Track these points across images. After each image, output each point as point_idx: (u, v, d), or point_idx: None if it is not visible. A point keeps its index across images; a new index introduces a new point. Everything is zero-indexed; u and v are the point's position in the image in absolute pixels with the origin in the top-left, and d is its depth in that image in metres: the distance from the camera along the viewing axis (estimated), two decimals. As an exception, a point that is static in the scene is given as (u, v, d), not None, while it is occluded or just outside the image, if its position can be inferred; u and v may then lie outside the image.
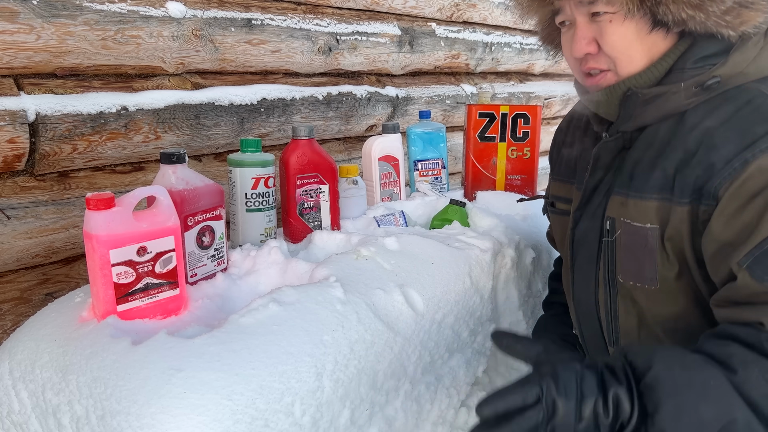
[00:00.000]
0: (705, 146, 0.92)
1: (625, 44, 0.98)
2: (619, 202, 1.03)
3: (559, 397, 0.80)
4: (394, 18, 2.19)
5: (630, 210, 1.01)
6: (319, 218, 1.41)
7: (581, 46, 1.01)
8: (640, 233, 0.99)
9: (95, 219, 0.93)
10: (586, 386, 0.82)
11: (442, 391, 1.20)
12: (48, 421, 0.91)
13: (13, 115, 1.23)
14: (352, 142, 2.14)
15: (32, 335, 0.99)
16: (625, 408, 0.81)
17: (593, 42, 1.01)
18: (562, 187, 1.25)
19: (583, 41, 1.01)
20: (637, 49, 0.99)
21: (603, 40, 0.99)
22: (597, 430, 0.81)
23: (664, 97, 0.98)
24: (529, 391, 0.81)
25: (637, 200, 1.00)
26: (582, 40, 1.01)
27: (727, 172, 0.88)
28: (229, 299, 1.14)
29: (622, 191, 1.03)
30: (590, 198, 1.11)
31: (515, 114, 1.84)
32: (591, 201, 1.11)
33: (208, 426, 0.79)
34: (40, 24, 1.25)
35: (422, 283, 1.18)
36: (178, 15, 1.49)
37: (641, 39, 0.98)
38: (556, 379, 0.82)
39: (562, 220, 1.23)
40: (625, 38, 0.98)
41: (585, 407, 0.81)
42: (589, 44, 1.01)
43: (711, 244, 0.91)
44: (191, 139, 1.57)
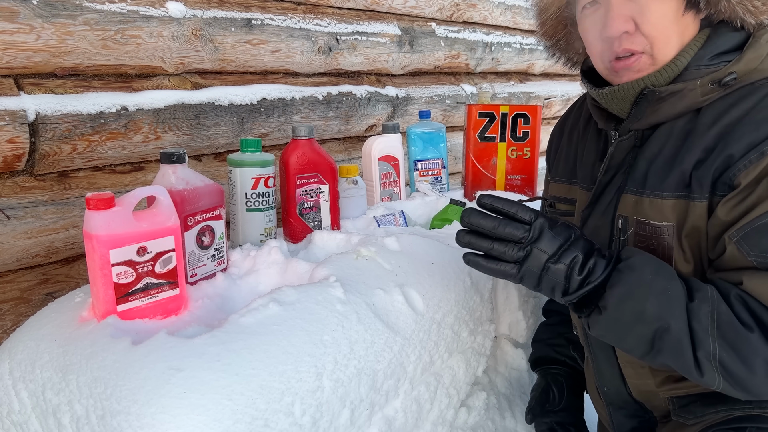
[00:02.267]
0: (723, 141, 0.93)
1: (665, 23, 0.97)
2: (632, 201, 1.03)
3: (548, 230, 0.90)
4: (394, 18, 2.19)
5: (645, 208, 1.01)
6: (319, 218, 1.41)
7: (618, 23, 0.97)
8: (656, 231, 1.00)
9: (95, 219, 0.93)
10: (576, 243, 0.92)
11: (442, 391, 1.20)
12: (48, 420, 0.91)
13: (13, 115, 1.23)
14: (352, 142, 2.14)
15: (32, 335, 0.99)
16: (597, 273, 0.90)
17: (630, 20, 0.97)
18: (561, 187, 1.24)
19: (620, 18, 0.97)
20: (674, 30, 0.98)
21: (643, 18, 0.97)
22: (566, 281, 0.91)
23: (681, 94, 0.98)
24: (525, 211, 0.91)
25: (653, 198, 1.00)
26: (619, 17, 0.97)
27: (743, 163, 0.90)
28: (229, 299, 1.14)
29: (635, 190, 1.03)
30: (600, 196, 1.11)
31: (515, 114, 1.84)
32: (601, 199, 1.10)
33: (208, 426, 0.79)
34: (40, 24, 1.25)
35: (422, 283, 1.18)
36: (178, 15, 1.49)
37: (677, 19, 0.97)
38: (552, 222, 0.92)
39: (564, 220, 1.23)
40: (666, 17, 0.97)
41: (566, 254, 0.90)
42: (627, 22, 0.97)
43: (714, 228, 0.94)
44: (191, 139, 1.57)
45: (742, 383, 0.86)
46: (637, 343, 0.91)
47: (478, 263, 0.92)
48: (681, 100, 0.98)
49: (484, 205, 0.92)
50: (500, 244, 0.90)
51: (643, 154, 1.03)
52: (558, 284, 0.91)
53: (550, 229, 0.90)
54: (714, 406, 1.03)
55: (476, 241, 0.91)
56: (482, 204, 0.92)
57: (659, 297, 0.87)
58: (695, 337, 0.86)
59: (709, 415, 1.05)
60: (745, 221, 0.89)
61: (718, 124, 0.95)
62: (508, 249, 0.89)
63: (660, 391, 1.09)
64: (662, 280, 0.89)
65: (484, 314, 1.34)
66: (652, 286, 0.88)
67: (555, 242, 0.90)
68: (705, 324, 0.86)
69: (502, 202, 0.91)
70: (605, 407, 1.22)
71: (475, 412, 1.30)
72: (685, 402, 1.07)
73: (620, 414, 1.20)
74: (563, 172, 1.25)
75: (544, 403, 1.31)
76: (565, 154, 1.25)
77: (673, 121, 1.01)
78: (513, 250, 0.89)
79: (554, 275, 0.90)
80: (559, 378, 1.34)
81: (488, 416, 1.34)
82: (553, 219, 0.93)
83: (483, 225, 0.90)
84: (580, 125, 1.22)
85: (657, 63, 0.99)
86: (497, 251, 0.90)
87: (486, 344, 1.36)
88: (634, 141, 1.05)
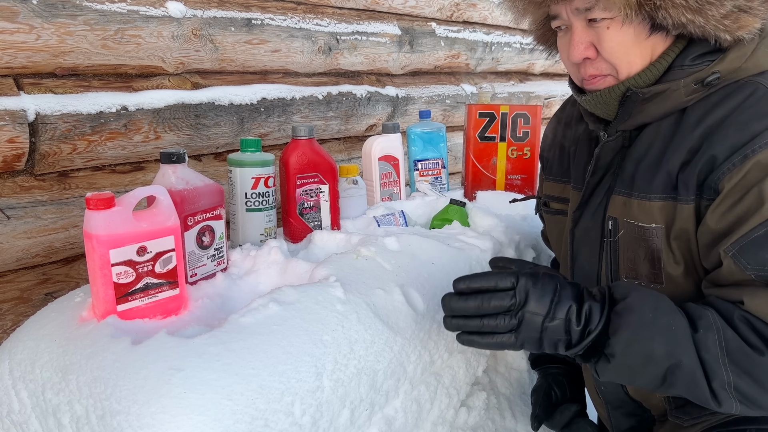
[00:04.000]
0: (708, 141, 0.93)
1: (623, 49, 0.97)
2: (621, 202, 1.03)
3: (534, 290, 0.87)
4: (394, 18, 2.19)
5: (634, 210, 1.01)
6: (319, 218, 1.41)
7: (579, 51, 1.00)
8: (645, 233, 1.00)
9: (95, 219, 0.93)
10: (564, 293, 0.89)
11: (442, 391, 1.20)
12: (48, 420, 0.91)
13: (13, 115, 1.23)
14: (352, 141, 2.14)
15: (32, 335, 0.99)
16: (595, 320, 0.88)
17: (591, 47, 1.00)
18: (555, 186, 1.24)
19: (581, 46, 1.00)
20: (636, 53, 0.98)
21: (601, 46, 0.98)
22: (567, 334, 0.88)
23: (664, 95, 0.98)
24: (504, 279, 0.88)
25: (641, 201, 1.00)
26: (579, 45, 1.00)
27: (727, 166, 0.90)
28: (229, 299, 1.14)
29: (624, 191, 1.03)
30: (590, 197, 1.11)
31: (515, 114, 1.84)
32: (591, 200, 1.11)
33: (208, 426, 0.79)
34: (40, 24, 1.25)
35: (422, 283, 1.18)
36: (178, 15, 1.49)
37: (639, 43, 0.97)
38: (534, 279, 0.89)
39: (558, 219, 1.23)
40: (623, 44, 0.97)
41: (560, 309, 0.88)
42: (587, 49, 1.00)
43: (705, 235, 0.93)
44: (191, 138, 1.57)
45: (759, 403, 0.86)
46: (649, 381, 0.89)
47: (473, 341, 0.90)
48: (665, 101, 0.98)
49: (462, 291, 0.90)
50: (490, 319, 0.88)
51: (631, 155, 1.04)
52: (560, 340, 0.88)
53: (535, 287, 0.88)
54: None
55: (465, 323, 0.89)
56: (459, 290, 0.90)
57: (665, 335, 0.86)
58: (707, 368, 0.85)
59: (705, 416, 1.05)
60: (740, 234, 0.88)
61: (702, 125, 0.95)
62: (499, 321, 0.87)
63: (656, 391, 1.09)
64: (664, 316, 0.87)
65: (484, 314, 1.34)
66: (655, 324, 0.86)
67: (545, 300, 0.87)
68: (714, 353, 0.85)
69: (479, 279, 0.89)
70: (604, 406, 1.23)
71: (475, 412, 1.30)
72: (681, 402, 1.08)
73: (618, 413, 1.20)
74: (557, 171, 1.25)
75: (547, 406, 1.30)
76: (559, 152, 1.25)
77: (660, 121, 1.01)
78: (504, 321, 0.87)
79: (554, 333, 0.88)
80: (559, 377, 1.34)
81: (488, 416, 1.34)
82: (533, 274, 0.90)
83: (467, 308, 0.88)
84: (573, 124, 1.22)
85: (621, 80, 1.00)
86: (489, 326, 0.88)
87: (486, 344, 1.36)
88: (622, 142, 1.06)
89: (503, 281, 0.88)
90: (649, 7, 0.92)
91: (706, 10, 0.90)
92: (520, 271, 0.90)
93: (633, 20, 0.94)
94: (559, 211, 1.22)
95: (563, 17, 1.01)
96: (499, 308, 0.87)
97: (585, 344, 0.88)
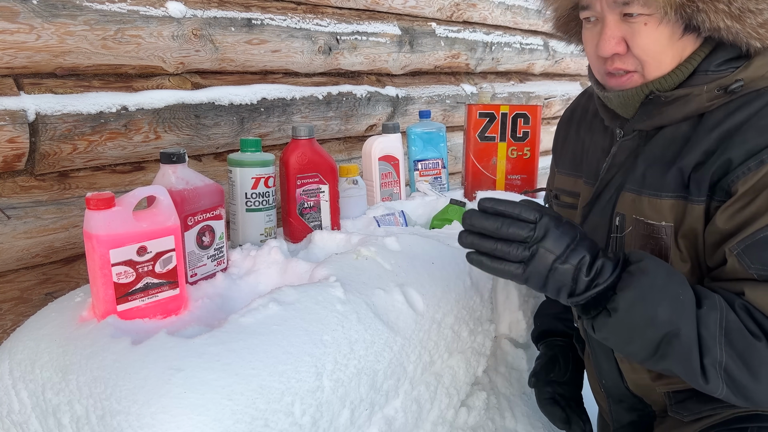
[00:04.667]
0: (724, 144, 0.93)
1: (657, 48, 0.96)
2: (630, 199, 1.03)
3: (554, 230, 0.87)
4: (394, 18, 2.19)
5: (644, 207, 1.01)
6: (319, 218, 1.41)
7: (610, 45, 0.98)
8: (654, 230, 1.00)
9: (95, 219, 0.93)
10: (582, 243, 0.89)
11: (442, 390, 1.20)
12: (48, 420, 0.91)
13: (13, 115, 1.23)
14: (352, 141, 2.14)
15: (32, 335, 0.99)
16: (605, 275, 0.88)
17: (622, 42, 0.98)
18: (567, 180, 1.24)
19: (612, 41, 0.98)
20: (668, 53, 0.97)
21: (634, 42, 0.97)
22: (573, 282, 0.88)
23: (686, 99, 0.98)
24: (529, 211, 0.88)
25: (652, 198, 1.00)
26: (611, 40, 0.98)
27: (742, 170, 0.90)
28: (229, 299, 1.14)
29: (634, 188, 1.03)
30: (600, 194, 1.11)
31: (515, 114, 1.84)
32: (601, 197, 1.11)
33: (208, 426, 0.79)
34: (40, 24, 1.25)
35: (422, 283, 1.18)
36: (178, 15, 1.49)
37: (672, 43, 0.96)
38: (557, 221, 0.89)
39: (568, 213, 1.23)
40: (658, 42, 0.96)
41: (573, 255, 0.88)
42: (618, 44, 0.98)
43: (712, 235, 0.94)
44: (191, 138, 1.57)
45: (744, 391, 0.86)
46: (642, 347, 0.90)
47: (482, 263, 0.90)
48: (686, 105, 0.98)
49: (486, 209, 0.89)
50: (504, 244, 0.87)
51: (645, 155, 1.03)
52: (565, 285, 0.88)
53: (556, 228, 0.88)
54: (711, 402, 1.03)
55: (480, 242, 0.89)
56: (483, 208, 0.90)
57: (672, 302, 0.86)
58: (703, 344, 0.86)
59: (705, 412, 1.05)
60: (746, 234, 0.88)
61: (719, 128, 0.94)
62: (512, 249, 0.87)
63: (656, 386, 1.09)
64: (675, 286, 0.88)
65: (484, 314, 1.34)
66: (665, 290, 0.87)
67: (562, 242, 0.87)
68: (713, 331, 0.85)
69: (505, 204, 0.88)
70: (606, 399, 1.23)
71: (475, 412, 1.30)
72: (681, 398, 1.08)
73: (620, 407, 1.21)
74: (570, 165, 1.24)
75: (549, 371, 1.31)
76: (572, 146, 1.25)
77: (678, 124, 1.00)
78: (518, 250, 0.87)
79: (561, 276, 0.88)
80: (566, 350, 1.34)
81: (488, 416, 1.34)
82: (557, 217, 0.90)
83: (486, 226, 0.87)
84: (588, 118, 1.22)
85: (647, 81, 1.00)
86: (501, 251, 0.87)
87: (486, 344, 1.36)
88: (638, 141, 1.05)
89: (527, 213, 0.88)
90: (690, 9, 0.91)
91: (746, 17, 0.90)
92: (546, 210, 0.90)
93: (671, 19, 0.93)
94: (569, 205, 1.22)
95: (596, 9, 0.99)
96: (516, 236, 0.87)
97: (589, 295, 0.88)
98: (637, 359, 0.94)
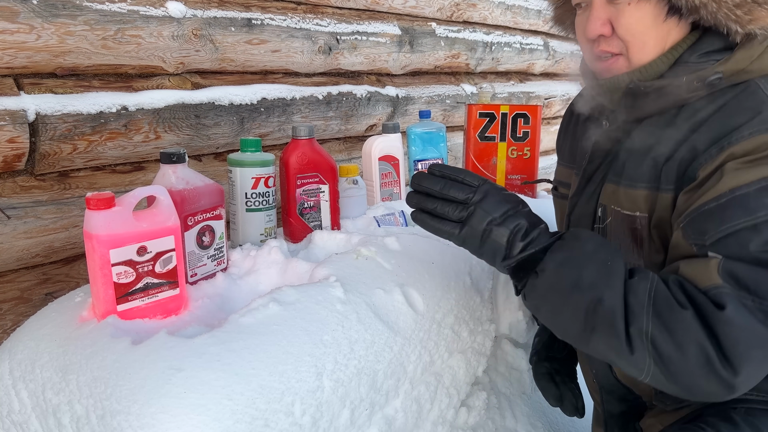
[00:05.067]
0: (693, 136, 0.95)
1: (640, 28, 0.98)
2: (611, 190, 1.05)
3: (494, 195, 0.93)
4: (394, 18, 2.19)
5: (621, 198, 1.03)
6: (319, 218, 1.41)
7: (595, 26, 1.01)
8: (629, 221, 1.02)
9: (95, 219, 0.93)
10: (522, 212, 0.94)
11: (442, 390, 1.20)
12: (48, 420, 0.91)
13: (13, 115, 1.23)
14: (352, 141, 2.14)
15: (32, 335, 0.99)
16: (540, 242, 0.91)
17: (607, 23, 1.00)
18: (564, 171, 1.27)
19: (598, 21, 1.00)
20: (651, 35, 0.98)
21: (618, 22, 0.99)
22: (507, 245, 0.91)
23: (666, 90, 0.98)
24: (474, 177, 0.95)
25: (628, 189, 1.02)
26: (597, 21, 1.00)
27: (704, 157, 0.92)
28: (229, 299, 1.14)
29: (614, 179, 1.05)
30: (586, 185, 1.13)
31: (515, 114, 1.84)
32: (587, 188, 1.13)
33: (208, 425, 0.79)
34: (40, 24, 1.25)
35: (422, 283, 1.18)
36: (178, 15, 1.49)
37: (657, 25, 0.98)
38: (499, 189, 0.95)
39: (562, 204, 1.25)
40: (641, 22, 0.98)
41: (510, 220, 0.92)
42: (604, 25, 1.00)
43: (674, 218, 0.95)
44: (191, 138, 1.57)
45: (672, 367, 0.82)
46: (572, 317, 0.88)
47: (424, 221, 0.96)
48: (665, 96, 0.99)
49: (433, 172, 0.96)
50: (445, 203, 0.93)
51: (626, 146, 1.05)
52: (500, 248, 0.91)
53: (497, 194, 0.93)
54: None
55: (423, 201, 0.95)
56: (431, 171, 0.96)
57: (598, 266, 0.87)
58: (629, 311, 0.84)
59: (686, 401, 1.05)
60: (693, 207, 0.90)
61: (692, 120, 0.96)
62: (451, 209, 0.92)
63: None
64: (605, 253, 0.89)
65: (484, 314, 1.34)
66: (593, 255, 0.89)
67: (500, 207, 0.92)
68: (641, 299, 0.85)
69: (452, 169, 0.95)
70: (597, 390, 1.25)
71: (475, 412, 1.30)
72: None
73: (611, 397, 1.23)
74: (567, 157, 1.27)
75: (549, 348, 1.33)
76: (571, 138, 1.27)
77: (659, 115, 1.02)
78: (456, 210, 0.92)
79: (496, 237, 0.91)
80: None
81: (488, 416, 1.34)
82: (500, 188, 0.95)
83: (430, 186, 0.93)
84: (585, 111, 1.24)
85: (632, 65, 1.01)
86: (441, 210, 0.93)
87: (486, 344, 1.36)
88: (622, 132, 1.07)
89: (471, 178, 0.94)
90: None
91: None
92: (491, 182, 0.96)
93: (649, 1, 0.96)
94: (564, 196, 1.24)
95: None
96: (457, 197, 0.92)
97: (520, 257, 0.90)
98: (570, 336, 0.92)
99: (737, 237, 0.84)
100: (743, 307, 0.81)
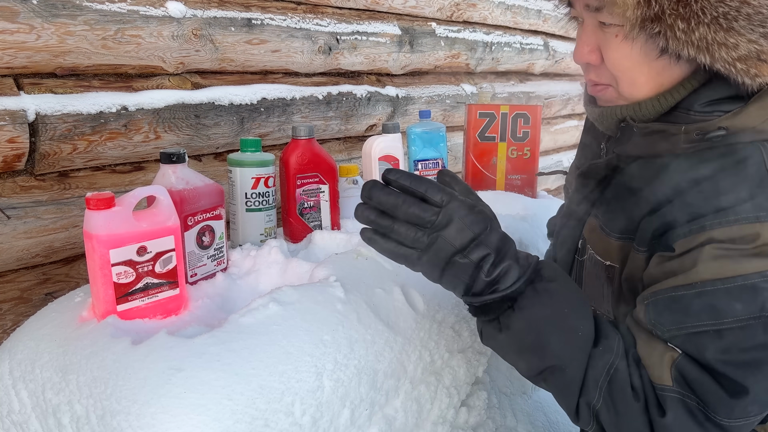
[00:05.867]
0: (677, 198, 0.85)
1: (628, 64, 0.87)
2: (592, 227, 1.01)
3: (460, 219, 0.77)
4: (394, 18, 2.19)
5: (596, 242, 0.99)
6: (319, 218, 1.41)
7: (582, 53, 0.91)
8: (601, 268, 0.98)
9: (95, 219, 0.93)
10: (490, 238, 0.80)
11: (443, 390, 1.20)
12: (48, 420, 0.91)
13: (13, 115, 1.23)
14: (352, 141, 2.14)
15: (32, 335, 0.99)
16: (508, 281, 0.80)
17: (596, 51, 0.90)
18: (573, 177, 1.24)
19: (586, 48, 0.90)
20: (642, 72, 0.87)
21: (606, 54, 0.88)
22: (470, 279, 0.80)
23: (662, 135, 0.88)
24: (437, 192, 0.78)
25: (604, 236, 0.97)
26: (584, 47, 0.90)
27: (683, 230, 0.83)
28: (229, 299, 1.14)
29: (596, 215, 1.00)
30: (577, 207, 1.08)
31: (515, 114, 1.84)
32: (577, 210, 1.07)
33: (208, 425, 0.79)
34: (40, 24, 1.25)
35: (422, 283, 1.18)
36: (178, 15, 1.49)
37: (648, 62, 0.86)
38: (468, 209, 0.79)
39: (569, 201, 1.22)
40: (629, 58, 0.86)
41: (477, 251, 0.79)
42: (591, 53, 0.90)
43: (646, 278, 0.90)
44: (191, 138, 1.57)
45: None
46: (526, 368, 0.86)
47: (375, 241, 0.81)
48: (660, 142, 0.88)
49: (390, 182, 0.80)
50: (402, 225, 0.78)
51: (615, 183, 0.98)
52: (461, 282, 0.81)
53: (465, 216, 0.78)
54: None
55: (375, 219, 0.80)
56: (387, 180, 0.80)
57: (567, 337, 0.82)
58: (585, 384, 0.83)
59: None
60: (659, 288, 0.85)
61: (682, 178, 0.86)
62: (410, 232, 0.78)
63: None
64: (576, 319, 0.83)
65: (484, 314, 1.34)
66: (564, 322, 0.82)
67: (466, 234, 0.78)
68: (598, 374, 0.82)
69: (411, 178, 0.78)
70: None
71: (475, 412, 1.30)
72: None
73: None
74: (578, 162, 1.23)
75: None
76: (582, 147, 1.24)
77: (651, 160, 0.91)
78: (416, 235, 0.78)
79: (459, 271, 0.80)
80: None
81: (489, 415, 1.34)
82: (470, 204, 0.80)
83: (384, 202, 0.78)
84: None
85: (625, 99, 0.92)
86: (397, 234, 0.79)
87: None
88: (616, 163, 0.99)
89: (435, 194, 0.78)
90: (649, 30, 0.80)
91: (714, 50, 0.78)
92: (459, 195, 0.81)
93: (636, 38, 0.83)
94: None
95: (576, 9, 0.92)
96: (417, 218, 0.78)
97: (483, 299, 0.81)
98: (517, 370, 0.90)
99: (698, 339, 0.80)
100: (685, 409, 0.80)
